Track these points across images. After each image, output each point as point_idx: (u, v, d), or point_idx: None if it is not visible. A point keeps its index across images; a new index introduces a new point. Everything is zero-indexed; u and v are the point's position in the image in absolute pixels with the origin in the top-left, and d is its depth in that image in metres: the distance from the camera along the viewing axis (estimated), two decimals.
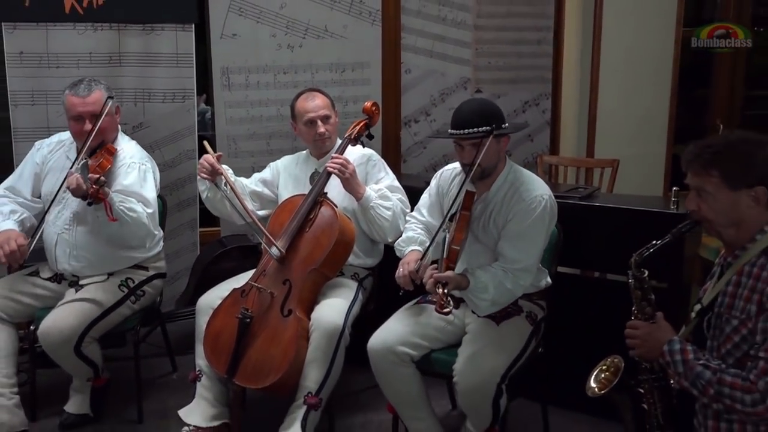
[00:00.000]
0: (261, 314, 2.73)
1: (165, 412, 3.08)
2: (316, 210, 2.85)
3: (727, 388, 1.65)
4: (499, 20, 4.11)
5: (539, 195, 2.52)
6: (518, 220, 2.50)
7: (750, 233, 1.74)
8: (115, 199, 2.75)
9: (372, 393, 3.20)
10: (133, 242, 2.94)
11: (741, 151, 1.71)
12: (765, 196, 1.71)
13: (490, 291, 2.43)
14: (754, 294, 1.69)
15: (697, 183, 1.76)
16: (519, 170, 2.64)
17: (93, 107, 2.88)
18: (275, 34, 3.79)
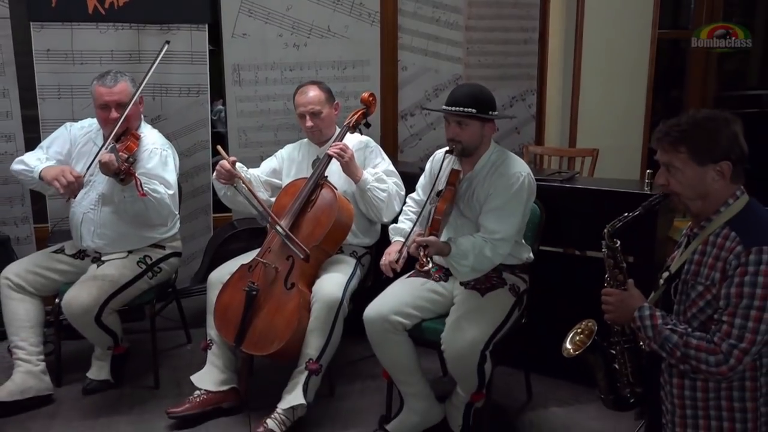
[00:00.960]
0: (266, 287, 2.73)
1: (179, 379, 3.09)
2: (318, 192, 2.85)
3: (692, 350, 1.65)
4: (488, 22, 4.10)
5: (518, 172, 2.52)
6: (498, 194, 2.50)
7: (715, 206, 1.73)
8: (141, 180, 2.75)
9: (369, 362, 3.21)
10: (156, 221, 2.94)
11: (707, 129, 1.70)
12: (729, 170, 1.70)
13: (470, 258, 2.42)
14: (718, 262, 1.68)
15: (667, 159, 1.75)
16: (502, 151, 2.64)
17: (118, 96, 2.88)
18: (282, 33, 3.78)
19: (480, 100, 2.50)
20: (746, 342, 1.60)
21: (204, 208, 3.90)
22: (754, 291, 1.59)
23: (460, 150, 2.54)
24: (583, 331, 1.95)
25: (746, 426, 1.67)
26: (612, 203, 2.84)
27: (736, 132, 1.70)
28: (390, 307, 2.55)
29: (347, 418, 2.82)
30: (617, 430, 2.68)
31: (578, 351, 1.90)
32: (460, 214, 2.61)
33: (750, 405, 1.67)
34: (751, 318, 1.59)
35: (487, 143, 2.60)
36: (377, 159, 3.03)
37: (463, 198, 2.59)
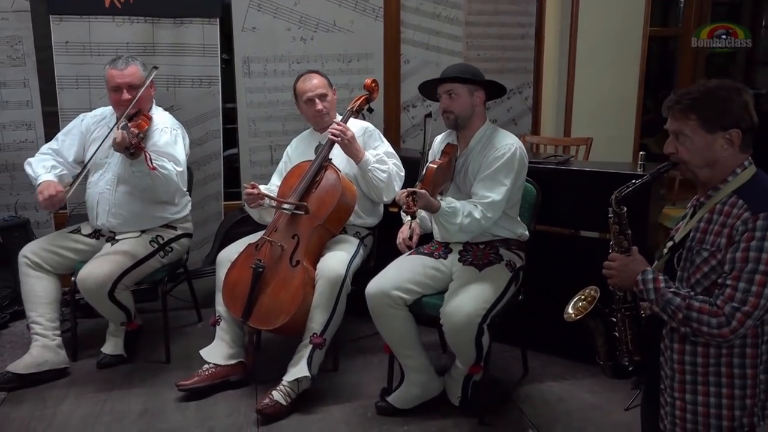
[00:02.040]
0: (272, 264, 2.65)
1: (189, 354, 3.01)
2: (322, 173, 2.77)
3: (695, 312, 1.56)
4: (487, 17, 4.01)
5: (509, 143, 2.48)
6: (488, 164, 2.45)
7: (723, 174, 1.65)
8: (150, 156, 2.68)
9: (371, 340, 3.14)
10: (164, 196, 2.86)
11: (718, 96, 1.61)
12: (739, 138, 1.61)
13: (460, 216, 2.35)
14: (724, 229, 1.59)
15: (676, 127, 1.66)
16: (496, 128, 2.59)
17: (130, 78, 2.82)
18: (290, 27, 3.71)
19: (463, 70, 2.52)
20: (749, 305, 1.51)
21: (215, 195, 3.83)
22: (760, 255, 1.51)
23: (453, 120, 2.51)
24: (585, 297, 1.87)
25: (745, 392, 1.59)
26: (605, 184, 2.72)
27: (746, 101, 1.62)
28: (391, 283, 2.47)
29: (350, 390, 2.74)
30: (611, 401, 2.60)
31: (579, 316, 1.81)
32: (457, 190, 2.55)
33: (750, 372, 1.59)
34: (755, 282, 1.51)
35: (480, 117, 2.54)
36: (377, 142, 2.95)
37: (460, 173, 2.54)
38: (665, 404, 1.69)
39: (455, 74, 2.47)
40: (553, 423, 2.49)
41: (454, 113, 2.50)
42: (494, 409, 2.56)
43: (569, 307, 1.88)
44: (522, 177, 2.51)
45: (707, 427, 1.63)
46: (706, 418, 1.62)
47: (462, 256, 2.55)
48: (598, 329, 1.83)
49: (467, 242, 2.56)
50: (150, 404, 2.64)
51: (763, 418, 1.61)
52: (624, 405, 2.55)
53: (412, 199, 2.22)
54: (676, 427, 1.67)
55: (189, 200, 3.12)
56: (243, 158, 3.81)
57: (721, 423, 1.61)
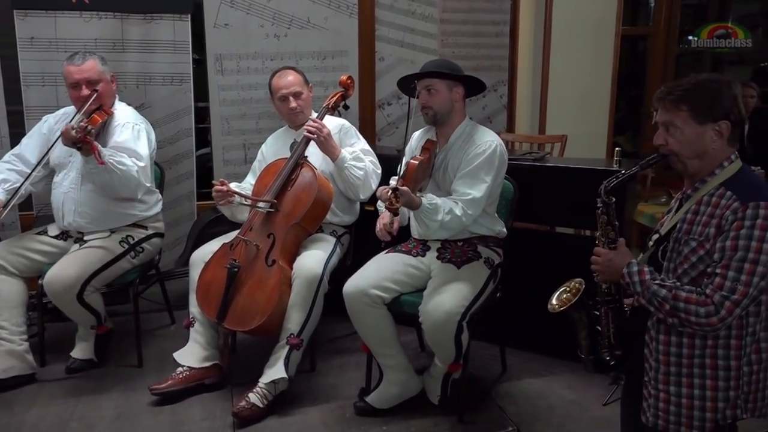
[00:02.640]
0: (248, 264, 2.60)
1: (162, 357, 2.93)
2: (297, 171, 2.72)
3: (682, 302, 1.56)
4: (461, 15, 4.00)
5: (490, 140, 2.46)
6: (469, 161, 2.43)
7: (711, 166, 1.65)
8: (105, 152, 2.60)
9: (349, 339, 3.11)
10: (125, 193, 2.76)
11: (709, 88, 1.62)
12: (728, 130, 1.62)
13: (440, 213, 2.33)
14: (712, 219, 1.59)
15: (667, 118, 1.65)
16: (476, 125, 2.57)
17: (88, 74, 2.75)
18: (263, 24, 3.64)
19: (442, 65, 2.49)
20: (738, 294, 1.51)
21: (187, 194, 3.74)
22: (749, 244, 1.51)
23: (432, 116, 2.49)
24: (570, 289, 1.85)
25: (729, 384, 1.59)
26: (581, 180, 2.76)
27: (736, 94, 1.62)
28: (369, 281, 2.44)
29: (328, 391, 2.69)
30: (589, 397, 2.60)
31: (563, 307, 1.80)
32: (436, 187, 2.52)
33: (734, 364, 1.58)
34: (744, 271, 1.51)
35: (459, 114, 2.53)
36: (353, 139, 2.92)
37: (439, 170, 2.51)
38: (648, 396, 1.69)
39: (434, 69, 2.44)
40: (533, 420, 2.48)
41: (433, 109, 2.48)
42: (474, 407, 2.54)
43: (553, 299, 1.86)
44: (502, 174, 2.50)
45: (690, 420, 1.62)
46: (689, 410, 1.62)
47: (440, 254, 2.53)
48: (582, 322, 1.82)
49: (445, 240, 2.54)
50: (122, 409, 2.56)
51: (746, 411, 1.60)
52: (602, 400, 2.56)
53: (395, 196, 2.18)
54: (659, 419, 1.66)
55: (159, 198, 3.05)
56: (216, 157, 3.73)
57: (704, 415, 1.61)
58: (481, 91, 2.60)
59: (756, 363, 1.60)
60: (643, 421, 1.71)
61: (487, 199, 2.44)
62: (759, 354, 1.60)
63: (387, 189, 2.22)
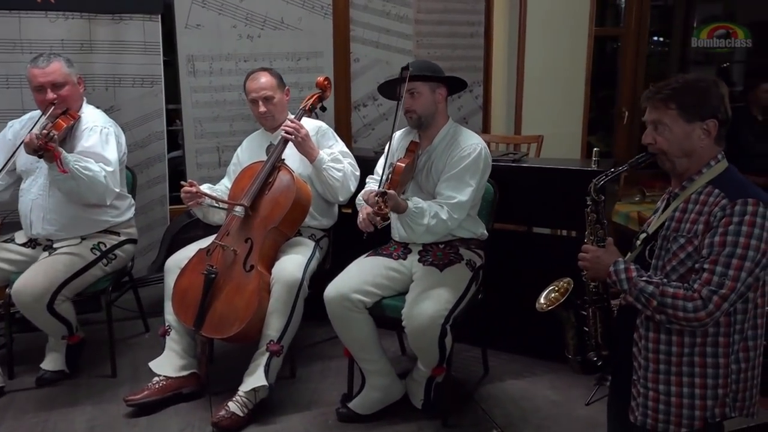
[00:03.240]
0: (225, 270, 2.53)
1: (137, 367, 2.86)
2: (275, 174, 2.67)
3: (669, 298, 1.56)
4: (436, 15, 3.98)
5: (474, 143, 2.43)
6: (454, 164, 2.40)
7: (698, 165, 1.66)
8: (70, 158, 2.50)
9: (329, 344, 3.07)
10: (92, 199, 2.66)
11: (697, 87, 1.63)
12: (715, 129, 1.63)
13: (426, 217, 2.29)
14: (700, 216, 1.60)
15: (656, 116, 1.66)
16: (459, 127, 2.55)
17: (53, 77, 2.65)
18: (236, 25, 3.58)
19: (423, 67, 2.45)
20: (726, 288, 1.51)
21: (160, 199, 3.65)
22: (737, 239, 1.52)
23: (416, 120, 2.45)
24: (559, 289, 1.84)
25: (717, 382, 1.59)
26: (561, 181, 2.76)
27: (723, 93, 1.64)
28: (350, 286, 2.40)
29: (309, 398, 2.64)
30: (571, 397, 2.60)
31: (551, 307, 1.78)
32: (419, 189, 2.48)
33: (722, 361, 1.59)
34: (732, 266, 1.52)
35: (443, 116, 2.50)
36: (331, 141, 2.87)
37: (422, 171, 2.47)
38: (637, 395, 1.68)
39: (416, 72, 2.40)
40: (517, 422, 2.47)
41: (417, 112, 2.44)
42: (457, 411, 2.52)
43: (541, 298, 1.85)
44: (486, 177, 2.48)
45: (679, 418, 1.62)
46: (678, 409, 1.62)
47: (422, 257, 2.50)
48: (570, 321, 1.81)
49: (427, 242, 2.51)
50: (97, 422, 2.48)
51: (734, 409, 1.61)
52: (584, 400, 2.56)
53: (383, 201, 2.13)
54: (648, 418, 1.66)
55: (132, 203, 2.96)
56: (189, 160, 3.65)
57: (693, 413, 1.61)
58: (463, 88, 2.59)
59: (744, 361, 1.60)
60: (632, 420, 1.70)
61: (471, 203, 2.41)
62: (747, 352, 1.60)
63: (374, 193, 2.18)
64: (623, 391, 1.75)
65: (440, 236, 2.42)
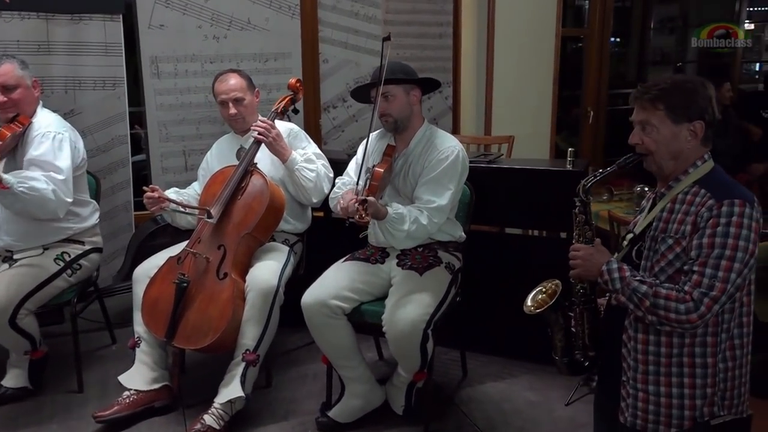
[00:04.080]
0: (197, 278, 2.45)
1: (105, 381, 2.75)
2: (248, 179, 2.59)
3: (662, 300, 1.55)
4: (405, 16, 3.96)
5: (452, 146, 2.39)
6: (432, 167, 2.35)
7: (685, 166, 1.65)
8: (12, 180, 2.37)
9: (305, 350, 3.01)
10: (41, 216, 2.53)
11: (685, 88, 1.62)
12: (702, 130, 1.62)
13: (407, 223, 2.25)
14: (687, 216, 1.59)
15: (644, 117, 1.65)
16: (435, 129, 2.51)
17: (3, 79, 2.53)
18: (201, 25, 3.48)
19: (395, 70, 2.38)
20: (716, 290, 1.51)
21: (124, 205, 3.53)
22: (726, 241, 1.52)
23: (392, 123, 2.41)
24: (546, 290, 1.81)
25: (706, 381, 1.59)
26: (538, 181, 2.76)
27: (711, 95, 1.63)
28: (328, 292, 2.34)
29: (287, 407, 2.58)
30: (551, 398, 2.59)
31: (539, 309, 1.76)
32: (396, 193, 2.44)
33: (710, 361, 1.59)
34: (721, 267, 1.51)
35: (418, 118, 2.47)
36: (303, 143, 2.81)
37: (399, 175, 2.43)
38: (627, 396, 1.67)
39: (389, 75, 2.34)
40: (499, 425, 2.45)
41: (392, 116, 2.39)
42: (439, 415, 2.49)
43: (528, 300, 1.83)
44: (463, 179, 2.45)
45: (669, 418, 1.62)
46: (668, 409, 1.62)
47: (400, 261, 2.45)
48: (558, 324, 1.79)
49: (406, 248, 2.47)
50: None
51: (723, 408, 1.61)
52: (564, 400, 2.56)
53: (363, 208, 2.08)
54: (637, 419, 1.65)
55: (96, 209, 2.84)
56: (154, 165, 3.53)
57: (683, 413, 1.61)
58: (437, 88, 2.56)
59: (731, 360, 1.61)
60: (621, 421, 1.69)
61: (451, 206, 2.39)
62: (733, 351, 1.61)
63: (353, 200, 2.12)
64: (611, 391, 1.74)
65: (420, 241, 2.39)
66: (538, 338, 2.37)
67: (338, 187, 2.61)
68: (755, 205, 1.55)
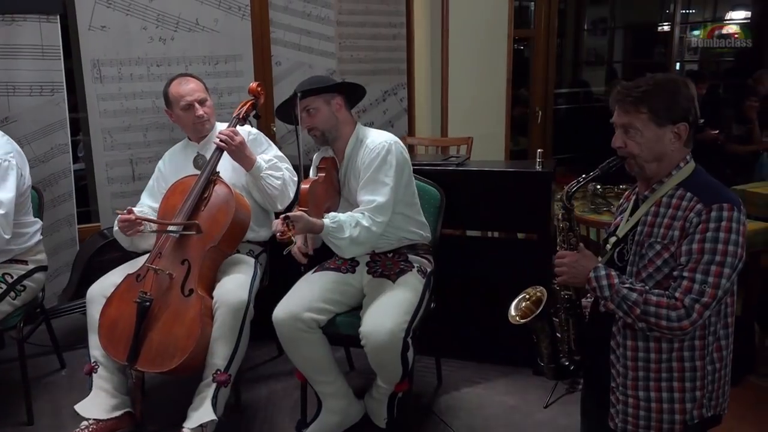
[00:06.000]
0: (160, 296, 2.30)
1: (57, 410, 2.56)
2: (211, 189, 2.46)
3: (653, 307, 1.53)
4: (358, 17, 3.88)
5: (383, 141, 2.31)
6: (366, 167, 2.29)
7: (668, 168, 1.64)
8: None
9: (272, 365, 2.91)
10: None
11: (668, 90, 1.60)
12: (686, 132, 1.61)
13: (347, 229, 2.16)
14: (675, 221, 1.58)
15: (626, 120, 1.62)
16: (366, 129, 2.43)
17: None
18: (146, 26, 3.29)
19: (311, 82, 2.35)
20: (707, 296, 1.51)
21: (67, 218, 3.30)
22: (716, 247, 1.51)
23: (321, 136, 2.35)
24: (530, 297, 1.78)
25: (695, 385, 1.60)
26: (507, 182, 2.75)
27: (693, 95, 1.62)
28: (301, 305, 2.25)
29: (260, 428, 2.47)
30: (528, 401, 2.59)
31: (525, 319, 1.72)
32: (347, 204, 2.38)
33: (699, 364, 1.59)
34: (711, 273, 1.51)
35: (348, 124, 2.39)
36: (264, 145, 2.71)
37: (345, 186, 2.38)
38: (617, 403, 1.66)
39: (304, 88, 2.29)
40: (478, 431, 2.42)
41: (318, 128, 2.33)
42: (420, 425, 2.43)
43: (512, 309, 1.79)
44: (406, 173, 2.36)
45: (660, 423, 1.62)
46: (659, 414, 1.61)
47: (370, 268, 2.38)
48: (545, 331, 1.77)
49: (373, 252, 2.41)
50: None
51: (710, 409, 1.62)
52: (542, 403, 2.55)
53: (287, 225, 2.01)
54: (628, 425, 1.64)
55: (39, 226, 2.64)
56: (99, 175, 3.32)
57: (673, 417, 1.61)
58: (362, 96, 2.51)
59: (718, 361, 1.62)
60: (612, 428, 1.68)
61: (395, 202, 2.29)
62: (720, 352, 1.62)
63: (280, 220, 2.06)
64: (598, 397, 1.74)
65: (371, 245, 2.30)
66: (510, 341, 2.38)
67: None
68: (741, 208, 1.56)
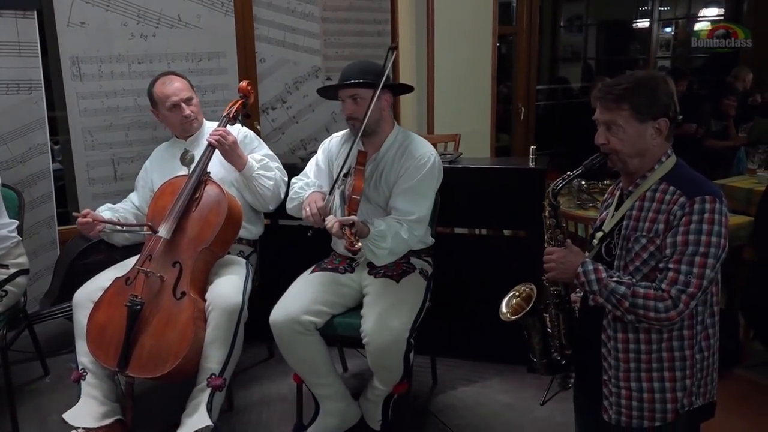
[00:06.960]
0: (152, 300, 2.24)
1: (43, 418, 2.48)
2: (201, 189, 2.40)
3: (641, 299, 1.56)
4: (343, 13, 3.84)
5: (428, 152, 2.30)
6: (409, 175, 2.25)
7: (651, 163, 1.66)
8: None
9: (263, 366, 2.87)
10: None
11: (648, 86, 1.63)
12: (667, 127, 1.64)
13: (389, 239, 2.15)
14: (659, 215, 1.60)
15: (609, 117, 1.64)
16: (408, 132, 2.41)
17: None
18: (126, 23, 3.21)
19: (368, 71, 2.24)
20: (693, 287, 1.54)
21: (46, 220, 3.21)
22: (699, 238, 1.54)
23: (359, 128, 2.25)
24: (520, 294, 1.79)
25: (685, 374, 1.63)
26: (501, 180, 2.74)
27: (672, 91, 1.65)
28: (298, 307, 2.21)
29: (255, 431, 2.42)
30: (524, 399, 2.59)
31: (516, 315, 1.73)
32: (365, 200, 2.31)
33: (688, 353, 1.63)
34: (696, 264, 1.54)
35: (389, 122, 2.36)
36: (254, 143, 2.66)
37: (369, 182, 2.29)
38: (610, 395, 1.69)
39: (359, 77, 2.22)
40: (476, 430, 2.41)
41: (360, 119, 2.23)
42: (416, 426, 2.42)
43: (503, 306, 1.80)
44: (439, 185, 2.36)
45: (653, 413, 1.65)
46: (651, 404, 1.64)
47: (372, 269, 2.35)
48: (536, 327, 1.78)
49: None
50: None
51: (699, 396, 1.66)
52: (538, 400, 2.51)
53: (352, 233, 1.96)
54: (622, 416, 1.67)
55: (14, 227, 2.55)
56: (79, 176, 3.23)
57: (665, 406, 1.64)
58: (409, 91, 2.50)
59: (706, 349, 1.65)
60: (606, 420, 1.70)
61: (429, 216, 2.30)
62: (708, 340, 1.66)
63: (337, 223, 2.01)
64: (590, 391, 1.75)
65: (401, 255, 2.29)
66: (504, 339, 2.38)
67: (300, 188, 2.44)
68: (723, 200, 1.59)
